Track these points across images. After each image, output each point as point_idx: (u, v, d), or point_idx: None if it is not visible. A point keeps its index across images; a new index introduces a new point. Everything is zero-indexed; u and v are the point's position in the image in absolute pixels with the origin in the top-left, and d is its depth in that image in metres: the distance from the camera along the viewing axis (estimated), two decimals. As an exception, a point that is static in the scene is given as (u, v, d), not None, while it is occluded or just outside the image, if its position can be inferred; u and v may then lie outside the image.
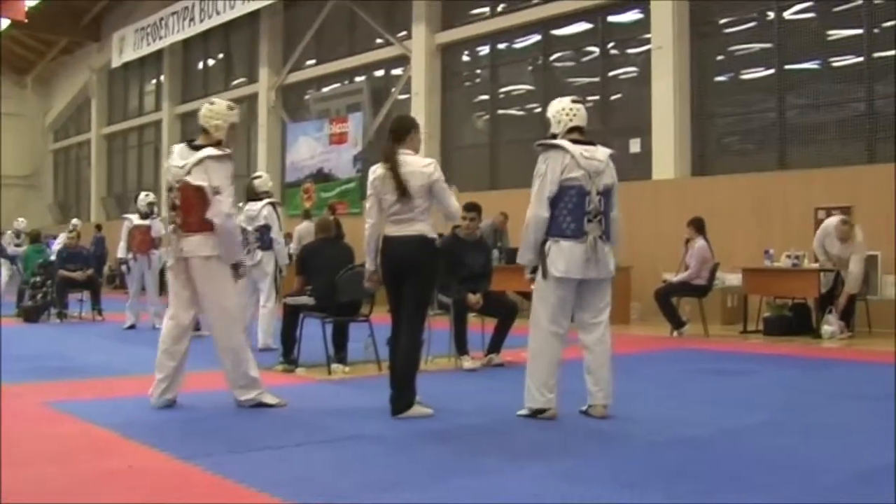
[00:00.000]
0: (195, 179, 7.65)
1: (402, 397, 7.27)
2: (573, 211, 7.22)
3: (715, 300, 15.18)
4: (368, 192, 7.49)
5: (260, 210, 12.38)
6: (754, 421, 7.17)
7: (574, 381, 7.46)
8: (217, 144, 7.94)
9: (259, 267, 12.25)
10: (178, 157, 7.85)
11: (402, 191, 7.21)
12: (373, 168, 7.49)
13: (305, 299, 10.18)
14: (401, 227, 7.31)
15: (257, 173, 13.62)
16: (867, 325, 13.87)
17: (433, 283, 7.76)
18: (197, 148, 7.87)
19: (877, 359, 11.31)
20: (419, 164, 7.34)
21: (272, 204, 12.72)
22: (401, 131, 7.50)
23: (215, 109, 8.14)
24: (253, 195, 12.62)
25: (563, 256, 7.20)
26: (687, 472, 5.53)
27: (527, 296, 17.18)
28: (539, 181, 7.31)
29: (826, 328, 13.21)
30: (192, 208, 7.63)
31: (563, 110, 7.50)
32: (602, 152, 7.43)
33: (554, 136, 7.45)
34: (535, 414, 7.19)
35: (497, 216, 18.07)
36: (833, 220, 13.81)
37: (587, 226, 7.24)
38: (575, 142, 7.32)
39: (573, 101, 7.57)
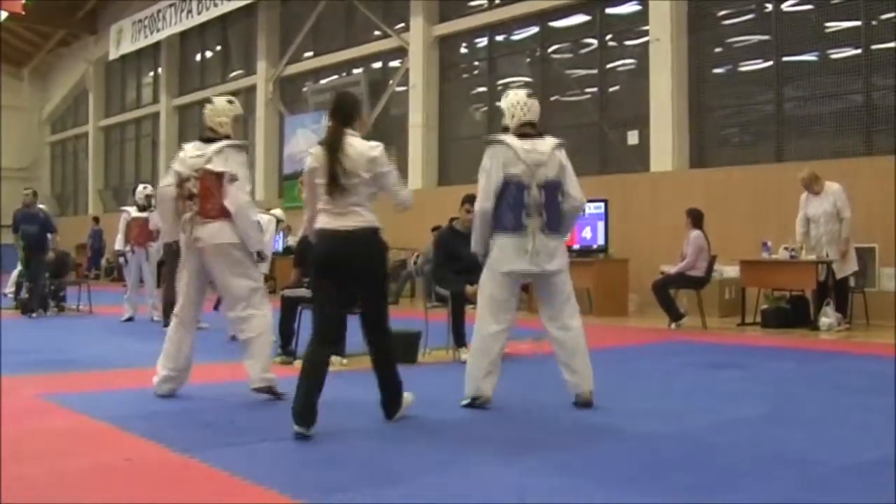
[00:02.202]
0: (217, 167, 7.70)
1: (390, 404, 6.89)
2: (513, 206, 7.26)
3: (713, 292, 15.19)
4: (305, 177, 6.86)
5: (262, 214, 12.53)
6: (751, 413, 7.17)
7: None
8: (227, 138, 7.98)
9: None
10: (193, 149, 7.89)
11: (338, 177, 6.50)
12: (311, 150, 6.82)
13: (303, 291, 10.17)
14: (339, 219, 6.55)
15: (277, 211, 13.60)
16: (865, 317, 13.87)
17: (383, 274, 7.06)
18: (211, 142, 7.89)
19: (874, 351, 11.32)
20: (365, 146, 6.64)
21: (279, 223, 12.91)
22: (349, 111, 6.82)
23: (217, 108, 8.08)
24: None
25: (503, 251, 7.33)
26: (682, 464, 5.53)
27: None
28: (485, 176, 7.34)
29: (824, 320, 13.21)
30: (211, 196, 7.66)
31: (517, 104, 7.50)
32: (546, 144, 7.38)
33: (506, 129, 7.48)
34: (474, 401, 7.37)
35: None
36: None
37: (526, 220, 7.25)
38: (523, 136, 7.34)
39: (528, 96, 7.56)
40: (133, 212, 15.42)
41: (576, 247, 16.96)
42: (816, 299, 13.63)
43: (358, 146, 6.60)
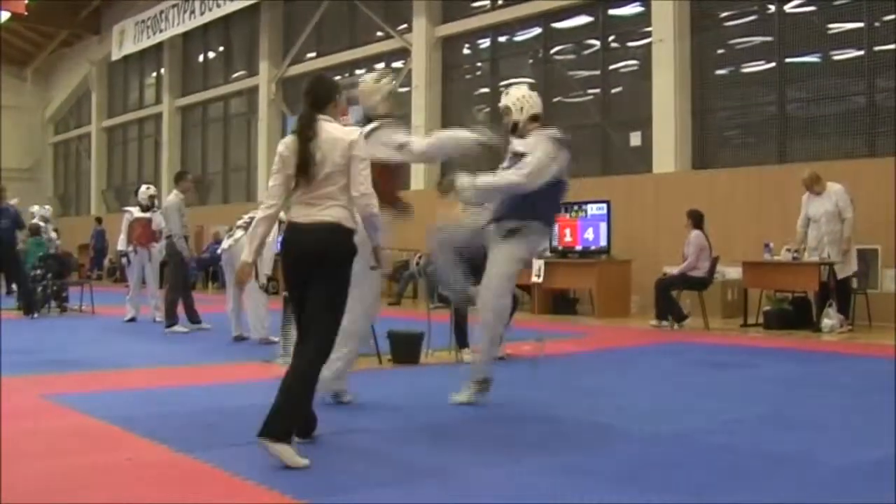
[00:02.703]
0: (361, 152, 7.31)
1: (274, 421, 5.54)
2: (554, 205, 7.80)
3: (715, 294, 15.18)
4: (275, 167, 6.03)
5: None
6: (753, 414, 7.17)
7: (578, 377, 7.45)
8: (385, 118, 7.81)
9: (238, 253, 12.25)
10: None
11: (308, 166, 5.85)
12: (283, 140, 6.11)
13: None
14: (308, 212, 5.91)
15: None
16: (867, 319, 13.86)
17: (344, 282, 5.91)
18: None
19: (876, 352, 11.31)
20: (340, 132, 5.95)
21: (280, 224, 12.84)
22: (322, 95, 6.12)
23: (366, 89, 7.94)
24: None
25: (540, 241, 7.93)
26: (685, 463, 5.54)
27: (527, 288, 17.29)
28: (547, 163, 7.50)
29: (826, 322, 13.21)
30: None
31: (525, 98, 7.74)
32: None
33: (515, 124, 7.67)
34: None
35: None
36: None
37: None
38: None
39: (530, 88, 7.81)
40: (136, 212, 15.40)
41: (578, 248, 16.96)
42: (819, 301, 13.62)
43: (332, 132, 5.92)
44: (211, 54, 33.21)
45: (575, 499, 4.81)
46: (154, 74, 36.38)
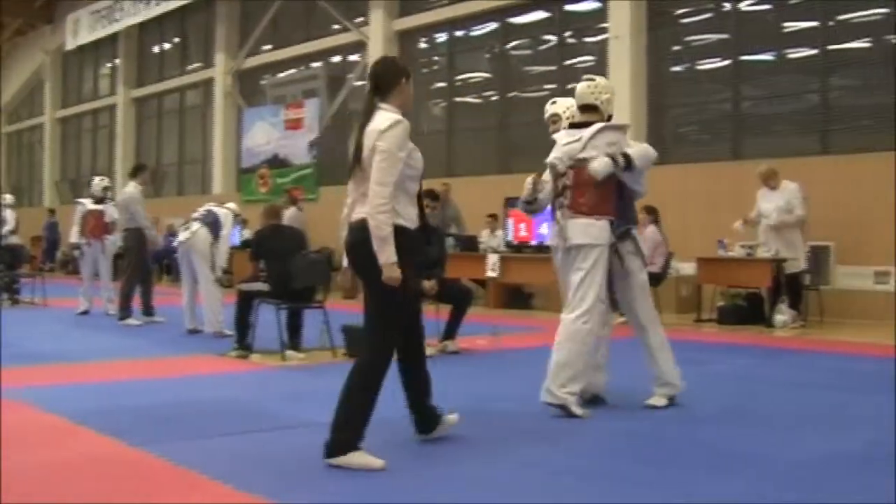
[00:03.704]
0: (591, 153, 7.09)
1: (334, 436, 5.38)
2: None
3: (669, 289, 15.24)
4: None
5: (220, 208, 12.54)
6: (708, 409, 7.21)
7: (534, 370, 7.45)
8: (608, 120, 7.44)
9: (194, 245, 12.22)
10: (566, 136, 7.36)
11: (358, 158, 5.53)
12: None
13: (260, 285, 10.16)
14: (355, 208, 5.65)
15: (231, 204, 13.51)
16: (819, 315, 13.98)
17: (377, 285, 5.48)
18: (584, 127, 7.27)
19: (828, 348, 11.41)
20: (378, 120, 5.50)
21: (236, 216, 12.90)
22: (384, 80, 5.65)
23: (601, 84, 7.51)
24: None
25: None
26: (638, 460, 5.56)
27: (482, 283, 17.30)
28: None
29: (778, 317, 13.30)
30: (585, 188, 7.11)
31: (573, 107, 7.66)
32: None
33: (610, 116, 7.52)
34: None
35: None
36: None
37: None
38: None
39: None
40: (89, 204, 15.25)
41: (533, 242, 16.98)
42: (771, 297, 13.72)
43: (376, 121, 5.50)
44: (167, 45, 32.99)
45: (534, 493, 4.82)
46: (109, 65, 36.09)
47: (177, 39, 32.38)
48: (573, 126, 7.38)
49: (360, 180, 5.53)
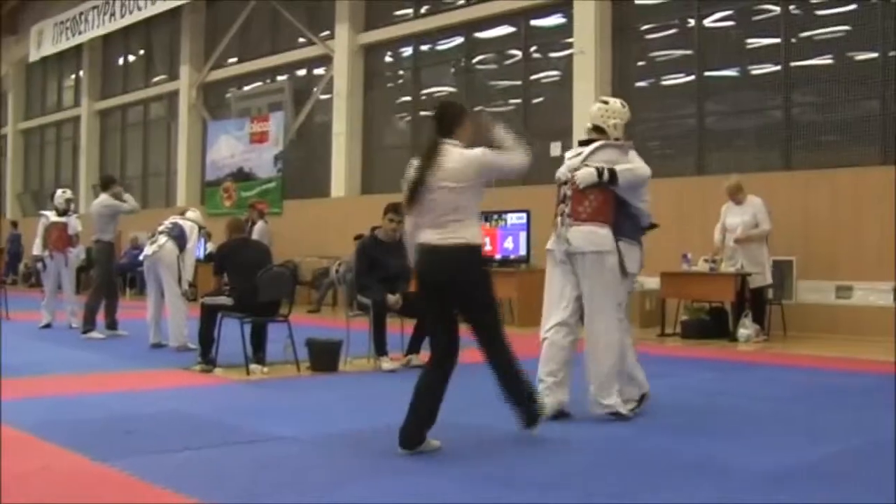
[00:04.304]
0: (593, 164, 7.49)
1: (530, 412, 6.52)
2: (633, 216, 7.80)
3: (633, 303, 15.17)
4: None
5: (184, 221, 12.49)
6: (671, 423, 7.24)
7: (491, 385, 7.44)
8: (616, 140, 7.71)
9: (161, 259, 12.19)
10: (572, 152, 7.85)
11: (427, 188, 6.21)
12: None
13: (223, 299, 10.13)
14: (435, 233, 6.28)
15: (192, 211, 13.47)
16: (782, 329, 14.06)
17: (484, 291, 6.48)
18: (589, 144, 7.67)
19: (791, 362, 11.48)
20: (463, 155, 6.26)
21: (201, 229, 12.89)
22: (445, 120, 6.40)
23: (612, 108, 7.76)
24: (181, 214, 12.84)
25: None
26: (603, 472, 5.58)
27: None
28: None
29: (742, 332, 13.37)
30: (584, 196, 7.48)
31: (621, 112, 7.82)
32: None
33: (617, 139, 7.69)
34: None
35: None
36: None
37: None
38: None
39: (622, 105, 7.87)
40: (52, 216, 15.16)
41: (498, 257, 17.00)
42: (735, 311, 13.79)
43: (453, 155, 6.24)
44: (131, 57, 32.86)
45: (493, 508, 4.83)
46: (73, 77, 35.91)
47: (141, 52, 32.24)
48: (581, 143, 7.81)
49: (436, 209, 6.21)
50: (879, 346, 12.36)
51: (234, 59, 27.69)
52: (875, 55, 14.87)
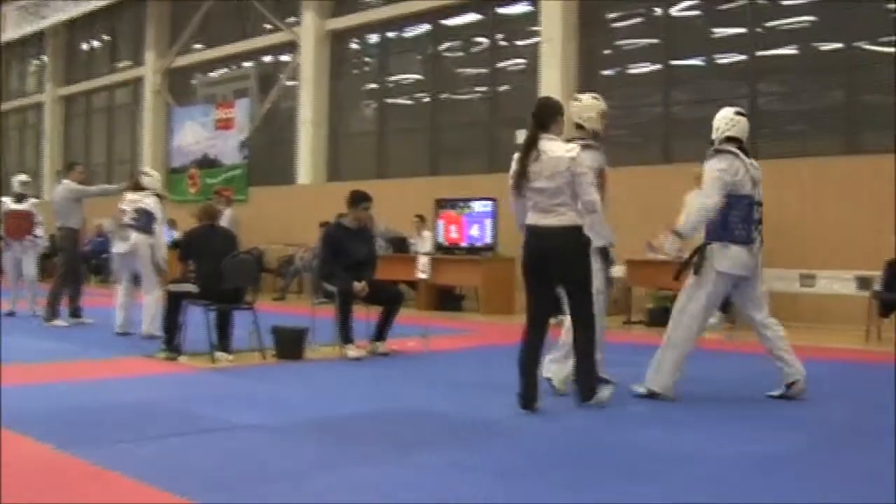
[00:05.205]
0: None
1: (585, 387, 7.23)
2: (745, 219, 7.83)
3: (599, 291, 15.31)
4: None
5: (144, 198, 12.29)
6: (637, 410, 7.26)
7: (464, 372, 7.47)
8: (594, 137, 8.08)
9: (136, 253, 12.11)
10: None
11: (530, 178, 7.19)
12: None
13: (189, 286, 10.06)
14: (542, 217, 7.20)
15: (147, 170, 13.36)
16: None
17: (588, 275, 7.37)
18: (573, 141, 7.80)
19: (756, 350, 11.49)
20: (564, 150, 7.16)
21: (159, 196, 12.64)
22: (543, 115, 7.29)
23: (584, 104, 8.19)
24: (137, 188, 12.54)
25: (735, 258, 7.81)
26: (569, 461, 5.59)
27: (412, 285, 17.29)
28: (721, 179, 7.83)
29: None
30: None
31: (724, 119, 8.29)
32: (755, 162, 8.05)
33: (711, 143, 8.11)
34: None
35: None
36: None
37: (754, 233, 7.84)
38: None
39: (736, 114, 8.30)
40: (10, 203, 14.96)
41: (464, 244, 17.00)
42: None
43: (555, 147, 7.13)
44: (95, 43, 32.62)
45: (463, 495, 4.81)
46: (36, 62, 35.62)
47: (106, 37, 32.01)
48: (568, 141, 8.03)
49: (549, 194, 7.11)
50: (843, 335, 12.45)
51: (200, 45, 27.54)
52: (840, 46, 14.95)
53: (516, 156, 7.31)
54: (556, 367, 7.93)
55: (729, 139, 8.02)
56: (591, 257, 7.55)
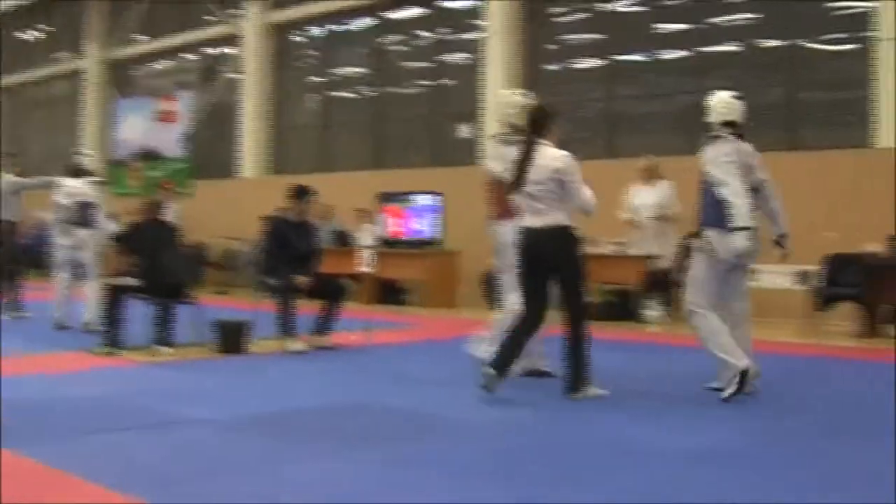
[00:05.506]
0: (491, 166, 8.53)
1: (574, 379, 7.48)
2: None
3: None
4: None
5: (83, 187, 12.15)
6: (582, 405, 7.28)
7: (407, 366, 7.47)
8: (520, 131, 8.26)
9: (81, 246, 12.01)
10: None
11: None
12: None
13: (130, 280, 9.99)
14: (534, 218, 7.57)
15: (84, 151, 13.24)
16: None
17: (577, 271, 7.71)
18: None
19: (696, 343, 11.59)
20: (554, 158, 7.61)
21: (97, 182, 12.47)
22: (538, 122, 7.81)
23: (504, 101, 8.87)
24: (75, 173, 12.38)
25: (727, 242, 7.79)
26: (513, 456, 5.59)
27: (356, 279, 17.25)
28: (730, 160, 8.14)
29: (648, 313, 13.51)
30: (497, 198, 8.41)
31: (721, 102, 8.44)
32: (750, 147, 8.13)
33: (708, 125, 8.23)
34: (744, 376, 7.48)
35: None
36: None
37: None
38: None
39: (733, 97, 8.41)
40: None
41: (408, 238, 16.99)
42: (642, 293, 13.92)
43: (546, 155, 7.61)
44: (36, 34, 32.26)
45: (407, 490, 4.81)
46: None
47: (47, 28, 31.66)
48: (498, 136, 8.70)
49: (538, 197, 7.53)
50: (783, 329, 12.55)
51: (142, 37, 27.31)
52: (782, 43, 15.09)
53: (508, 156, 7.88)
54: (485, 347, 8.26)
55: (725, 123, 7.96)
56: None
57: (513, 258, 8.06)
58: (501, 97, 8.69)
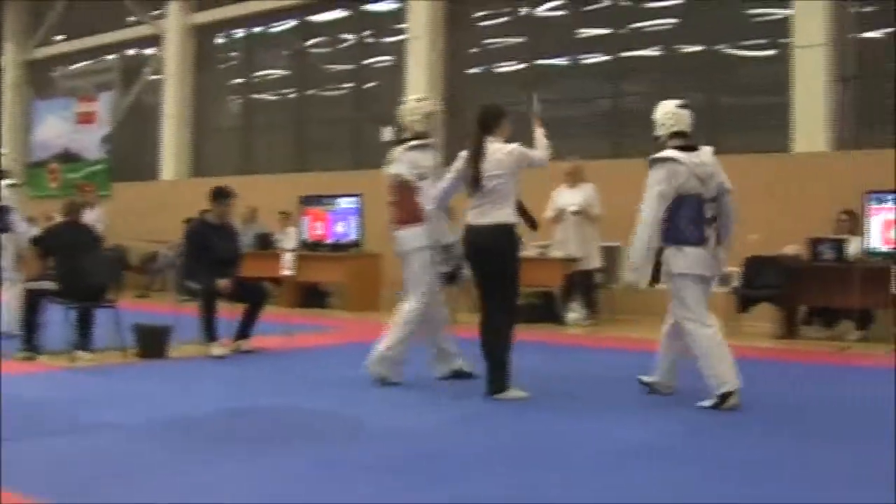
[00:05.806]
0: (401, 170, 8.52)
1: (495, 380, 7.52)
2: (694, 219, 7.57)
3: (466, 288, 15.38)
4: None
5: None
6: (503, 405, 7.31)
7: (329, 369, 7.47)
8: (423, 136, 8.63)
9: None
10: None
11: (479, 179, 7.65)
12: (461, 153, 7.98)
13: (48, 284, 9.87)
14: (480, 216, 7.68)
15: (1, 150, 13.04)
16: (610, 312, 14.33)
17: (513, 268, 7.79)
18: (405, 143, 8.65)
19: (618, 345, 11.73)
20: (502, 150, 7.80)
21: (13, 185, 12.30)
22: (488, 121, 8.02)
23: (406, 108, 8.80)
24: None
25: (694, 259, 7.58)
26: (434, 456, 5.61)
27: (278, 282, 17.17)
28: (657, 192, 7.63)
29: (571, 315, 13.60)
30: (403, 202, 8.53)
31: (667, 114, 8.07)
32: (706, 153, 7.92)
33: (657, 139, 7.97)
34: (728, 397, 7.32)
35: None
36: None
37: (707, 232, 7.61)
38: (681, 148, 7.77)
39: (678, 106, 8.15)
40: None
41: (329, 241, 16.95)
42: (564, 295, 14.01)
43: (494, 150, 7.77)
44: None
45: (323, 493, 4.81)
46: None
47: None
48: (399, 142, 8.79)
49: (484, 195, 7.68)
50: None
51: (61, 37, 26.99)
52: (701, 48, 15.28)
53: (462, 156, 7.94)
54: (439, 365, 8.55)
55: (675, 135, 7.87)
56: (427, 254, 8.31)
57: (415, 264, 8.35)
58: (406, 103, 8.78)
